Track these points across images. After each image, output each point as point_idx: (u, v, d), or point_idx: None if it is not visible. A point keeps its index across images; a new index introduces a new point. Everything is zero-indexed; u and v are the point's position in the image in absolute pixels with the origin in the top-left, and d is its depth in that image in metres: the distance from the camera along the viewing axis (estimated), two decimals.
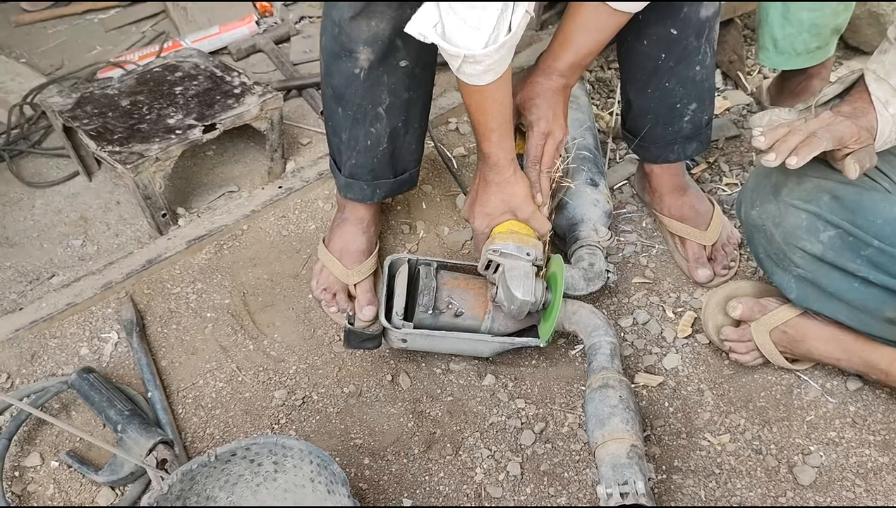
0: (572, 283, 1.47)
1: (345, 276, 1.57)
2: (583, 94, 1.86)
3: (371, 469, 1.36)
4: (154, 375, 1.47)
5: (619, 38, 1.47)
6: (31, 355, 1.53)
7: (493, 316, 1.40)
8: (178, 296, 1.64)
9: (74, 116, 1.73)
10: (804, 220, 1.29)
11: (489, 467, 1.35)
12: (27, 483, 1.35)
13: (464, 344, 1.41)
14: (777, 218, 1.32)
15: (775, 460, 1.34)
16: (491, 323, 1.40)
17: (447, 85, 2.09)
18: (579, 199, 1.58)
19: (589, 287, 1.49)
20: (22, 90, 2.12)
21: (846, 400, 1.41)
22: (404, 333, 1.37)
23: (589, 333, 1.38)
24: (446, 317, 1.40)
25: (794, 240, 1.30)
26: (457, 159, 1.92)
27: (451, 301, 1.39)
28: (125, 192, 1.85)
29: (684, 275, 1.64)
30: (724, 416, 1.40)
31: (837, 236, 1.27)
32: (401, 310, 1.39)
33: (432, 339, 1.40)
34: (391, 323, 1.38)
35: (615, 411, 1.23)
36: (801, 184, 1.31)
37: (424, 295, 1.38)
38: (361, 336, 1.39)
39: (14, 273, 1.70)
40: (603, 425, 1.22)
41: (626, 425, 1.22)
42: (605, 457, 1.19)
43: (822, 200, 1.28)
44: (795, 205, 1.30)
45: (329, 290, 1.59)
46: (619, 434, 1.20)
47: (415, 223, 1.77)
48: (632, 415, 1.24)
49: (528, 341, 1.41)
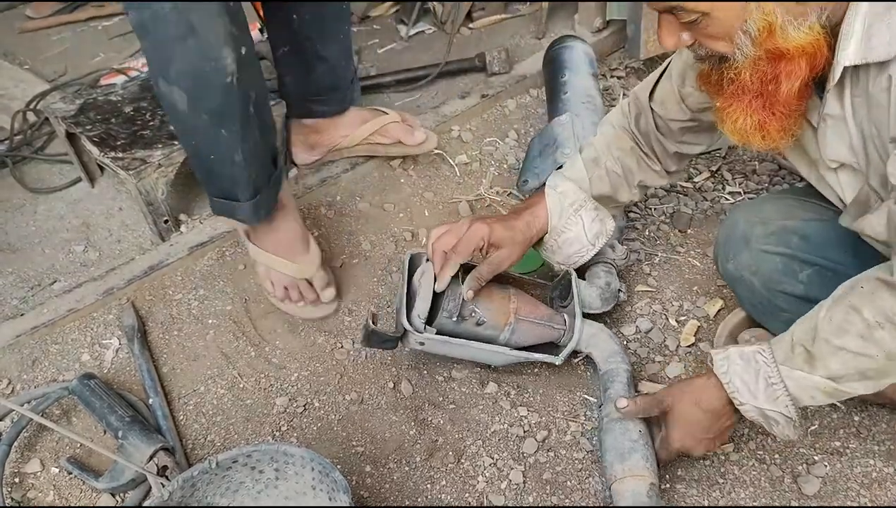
0: (589, 302, 1.47)
1: (300, 272, 1.55)
2: (598, 95, 1.87)
3: (372, 477, 1.35)
4: (155, 381, 1.46)
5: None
6: (32, 361, 1.53)
7: (514, 327, 1.38)
8: (180, 303, 1.63)
9: (77, 122, 1.73)
10: (779, 264, 1.30)
11: (491, 475, 1.34)
12: (27, 490, 1.35)
13: (481, 353, 1.39)
14: (753, 266, 1.33)
15: (779, 470, 1.33)
16: (510, 334, 1.38)
17: (450, 93, 2.10)
18: None
19: (604, 306, 1.49)
20: (25, 96, 2.13)
21: (851, 410, 1.40)
22: (425, 338, 1.34)
23: (605, 359, 1.40)
24: (467, 325, 1.37)
25: (774, 284, 1.31)
26: (459, 167, 1.92)
27: (474, 309, 1.36)
28: (127, 198, 1.85)
29: (687, 284, 1.64)
30: None
31: (815, 273, 1.27)
32: (424, 314, 1.34)
33: (451, 346, 1.36)
34: (413, 325, 1.34)
35: (636, 446, 1.24)
36: (767, 230, 1.32)
37: (450, 301, 1.35)
38: (383, 336, 1.35)
39: (16, 278, 1.70)
40: (623, 459, 1.23)
41: (647, 462, 1.23)
42: (625, 493, 1.20)
43: (791, 241, 1.30)
44: (767, 250, 1.31)
45: (291, 289, 1.57)
46: (640, 472, 1.21)
47: (417, 230, 1.77)
48: (651, 452, 1.25)
49: (544, 357, 1.40)
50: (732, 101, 1.10)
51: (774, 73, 1.05)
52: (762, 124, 1.10)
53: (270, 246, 1.55)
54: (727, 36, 1.04)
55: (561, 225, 1.43)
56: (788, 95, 1.06)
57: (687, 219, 1.77)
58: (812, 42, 1.01)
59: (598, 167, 1.46)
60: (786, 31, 1.00)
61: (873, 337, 1.06)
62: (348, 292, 1.65)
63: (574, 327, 1.40)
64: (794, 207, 1.34)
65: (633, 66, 2.20)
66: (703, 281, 1.64)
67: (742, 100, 1.09)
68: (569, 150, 1.68)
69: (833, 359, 1.10)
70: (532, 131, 2.00)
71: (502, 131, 2.02)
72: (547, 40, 2.25)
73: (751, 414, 1.17)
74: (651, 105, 1.43)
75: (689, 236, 1.75)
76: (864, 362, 1.08)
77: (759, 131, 1.10)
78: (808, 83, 1.06)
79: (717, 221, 1.75)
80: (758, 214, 1.36)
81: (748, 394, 1.16)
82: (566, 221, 1.43)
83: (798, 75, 1.04)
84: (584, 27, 2.20)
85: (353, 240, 1.76)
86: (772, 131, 1.10)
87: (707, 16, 1.02)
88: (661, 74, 1.42)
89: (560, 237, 1.44)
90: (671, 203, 1.81)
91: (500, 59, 2.11)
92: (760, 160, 1.89)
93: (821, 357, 1.10)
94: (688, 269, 1.67)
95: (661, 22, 1.09)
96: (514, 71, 2.14)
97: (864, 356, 1.07)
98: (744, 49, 1.03)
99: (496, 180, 1.89)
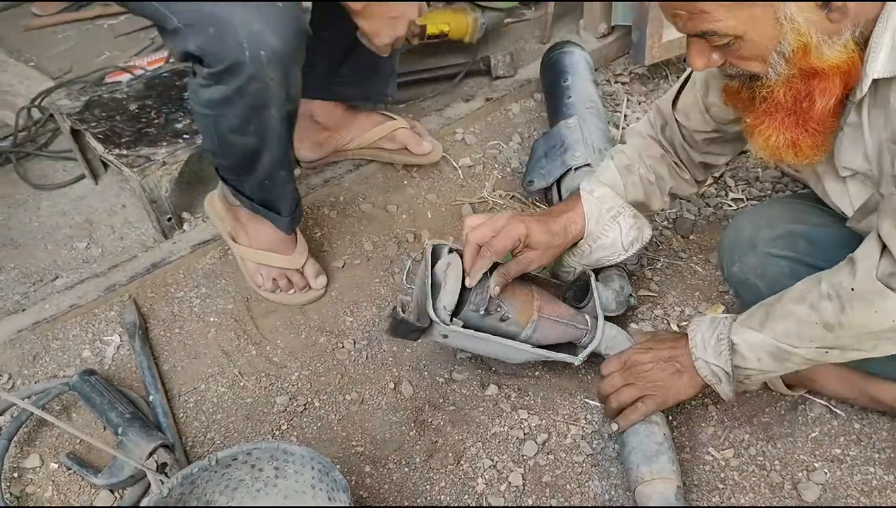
0: (605, 304, 1.47)
1: (291, 263, 1.60)
2: (599, 101, 1.87)
3: (372, 478, 1.35)
4: (156, 378, 1.46)
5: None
6: (32, 356, 1.53)
7: (537, 325, 1.36)
8: (182, 300, 1.63)
9: (83, 119, 1.73)
10: (785, 267, 1.30)
11: (491, 477, 1.34)
12: (26, 485, 1.34)
13: (503, 349, 1.36)
14: (759, 269, 1.34)
15: (779, 476, 1.33)
16: (532, 332, 1.36)
17: (455, 96, 2.10)
18: None
19: (618, 310, 1.49)
20: (30, 93, 2.13)
21: (851, 418, 1.40)
22: (451, 330, 1.31)
23: None
24: (492, 320, 1.35)
25: (780, 288, 1.29)
26: (462, 169, 1.92)
27: (500, 303, 1.35)
28: (131, 196, 1.85)
29: (689, 290, 1.64)
30: (728, 431, 1.39)
31: None
32: (451, 306, 1.31)
33: (474, 340, 1.34)
34: (439, 317, 1.30)
35: (662, 449, 1.25)
36: (774, 233, 1.33)
37: (477, 295, 1.32)
38: (411, 326, 1.31)
39: (18, 274, 1.70)
40: (650, 461, 1.24)
41: (673, 465, 1.24)
42: (653, 495, 1.22)
43: (798, 245, 1.30)
44: (774, 254, 1.31)
45: (280, 280, 1.61)
46: (668, 475, 1.22)
47: (419, 232, 1.77)
48: (675, 455, 1.26)
49: (564, 357, 1.38)
50: (765, 119, 1.09)
51: (808, 90, 1.04)
52: (795, 141, 1.09)
53: (262, 243, 1.60)
54: (760, 57, 1.03)
55: (598, 230, 1.41)
56: (823, 113, 1.05)
57: (689, 225, 1.77)
58: (846, 60, 1.00)
59: (631, 173, 1.44)
60: (821, 50, 0.99)
61: (819, 306, 1.12)
62: (350, 293, 1.65)
63: (597, 328, 1.39)
64: (802, 212, 1.34)
65: (637, 72, 2.20)
66: (704, 287, 1.64)
67: (775, 117, 1.08)
68: (579, 153, 1.68)
69: (781, 322, 1.16)
70: (536, 135, 2.00)
71: (506, 135, 2.02)
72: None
73: (703, 371, 1.26)
74: (675, 115, 1.42)
75: (692, 242, 1.75)
76: (804, 328, 1.14)
77: (791, 148, 1.10)
78: (841, 99, 1.06)
79: (720, 227, 1.75)
80: (764, 218, 1.36)
81: (701, 349, 1.25)
82: (603, 227, 1.41)
83: (833, 93, 1.03)
84: (589, 32, 2.21)
85: (356, 241, 1.76)
86: (804, 148, 1.10)
87: (740, 39, 1.01)
88: (684, 84, 1.40)
89: (596, 242, 1.42)
90: (674, 208, 1.81)
91: (505, 63, 2.12)
92: (764, 167, 1.89)
93: (773, 318, 1.17)
94: (690, 275, 1.67)
95: (691, 44, 1.08)
96: (518, 75, 2.14)
97: (806, 323, 1.14)
98: (777, 68, 1.02)
99: (499, 183, 1.89)
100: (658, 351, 1.32)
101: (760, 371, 1.23)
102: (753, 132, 1.12)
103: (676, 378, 1.29)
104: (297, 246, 1.62)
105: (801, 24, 0.98)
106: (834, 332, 1.12)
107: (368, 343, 1.56)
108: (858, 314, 1.08)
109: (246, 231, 1.61)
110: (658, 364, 1.30)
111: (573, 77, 1.91)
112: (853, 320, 1.09)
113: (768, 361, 1.20)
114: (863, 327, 1.10)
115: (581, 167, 1.68)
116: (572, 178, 1.68)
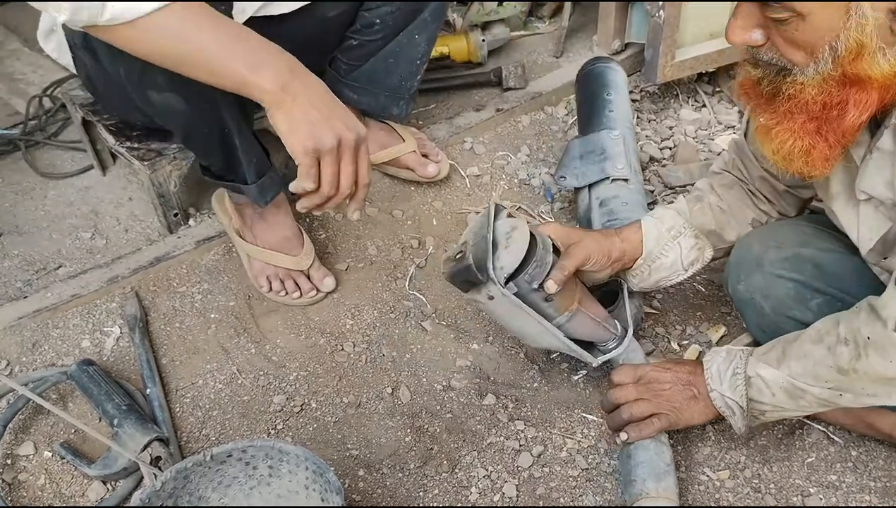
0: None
1: (298, 264, 1.59)
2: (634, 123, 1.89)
3: (365, 482, 1.35)
4: (154, 372, 1.46)
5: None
6: (32, 344, 1.53)
7: (573, 316, 1.34)
8: (184, 295, 1.63)
9: (95, 110, 1.74)
10: (791, 289, 1.29)
11: (485, 487, 1.34)
12: (18, 472, 1.34)
13: (536, 328, 1.33)
14: (764, 289, 1.32)
15: (774, 500, 1.32)
16: (566, 320, 1.34)
17: (464, 105, 2.11)
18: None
19: (633, 324, 1.48)
20: (42, 82, 2.14)
21: (849, 444, 1.39)
22: (503, 293, 1.26)
23: None
24: (537, 296, 1.31)
25: (784, 309, 1.30)
26: (470, 178, 1.92)
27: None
28: (138, 189, 1.86)
29: (691, 309, 1.63)
30: (724, 452, 1.39)
31: (826, 303, 1.26)
32: (510, 270, 1.27)
33: (515, 309, 1.30)
34: (497, 277, 1.26)
35: (670, 470, 1.27)
36: (782, 255, 1.31)
37: (537, 268, 1.29)
38: (472, 275, 1.25)
39: (21, 261, 1.70)
40: (659, 479, 1.25)
41: (677, 488, 1.26)
42: None
43: (805, 269, 1.29)
44: (781, 275, 1.30)
45: (286, 281, 1.60)
46: (672, 497, 1.24)
47: (424, 239, 1.77)
48: (677, 479, 1.28)
49: (584, 355, 1.37)
50: (783, 120, 1.03)
51: (843, 98, 0.98)
52: (809, 149, 1.04)
53: (268, 242, 1.59)
54: (811, 47, 0.95)
55: (657, 250, 1.38)
56: (852, 126, 1.00)
57: None
58: (893, 75, 0.95)
59: (699, 201, 1.41)
60: (875, 57, 0.93)
61: (836, 350, 1.11)
62: (352, 296, 1.65)
63: (626, 336, 1.40)
64: (810, 235, 1.33)
65: (648, 91, 2.21)
66: (707, 307, 1.64)
67: (795, 120, 1.02)
68: (621, 165, 1.69)
69: (798, 361, 1.16)
70: (545, 148, 2.00)
71: (515, 146, 2.02)
72: (565, 59, 2.26)
73: (717, 403, 1.25)
74: (747, 143, 1.38)
75: None
76: (820, 370, 1.14)
77: (804, 156, 1.04)
78: (874, 116, 1.00)
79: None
80: (773, 238, 1.35)
81: (717, 381, 1.25)
82: (663, 247, 1.38)
83: (868, 107, 0.97)
84: (602, 48, 2.21)
85: (360, 245, 1.76)
86: (816, 158, 1.04)
87: (802, 19, 0.93)
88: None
89: (654, 263, 1.39)
90: None
91: (517, 75, 2.12)
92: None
93: (790, 356, 1.16)
94: (692, 294, 1.67)
95: (739, 11, 0.98)
96: (529, 87, 2.15)
97: (822, 364, 1.13)
98: (821, 65, 0.95)
99: (506, 194, 1.90)
100: (677, 373, 1.31)
101: (775, 407, 1.22)
102: (768, 133, 1.06)
103: (693, 403, 1.28)
104: (303, 247, 1.62)
105: (869, 23, 0.91)
106: (848, 377, 1.11)
107: (368, 346, 1.56)
108: (873, 362, 1.07)
109: (252, 230, 1.61)
110: (676, 386, 1.29)
111: (616, 94, 1.90)
112: (868, 367, 1.08)
113: (782, 397, 1.19)
114: (878, 375, 1.09)
115: (618, 180, 1.69)
116: (607, 188, 1.69)
